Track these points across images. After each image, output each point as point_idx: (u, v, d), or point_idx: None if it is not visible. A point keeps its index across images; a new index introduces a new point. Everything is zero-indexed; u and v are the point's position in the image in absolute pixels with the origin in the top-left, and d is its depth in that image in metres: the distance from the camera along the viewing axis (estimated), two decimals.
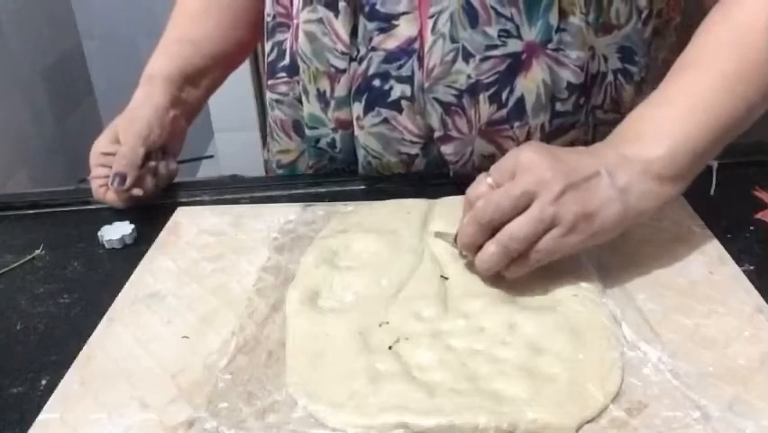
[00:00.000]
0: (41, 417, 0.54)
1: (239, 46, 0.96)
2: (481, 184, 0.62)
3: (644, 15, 0.78)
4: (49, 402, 0.55)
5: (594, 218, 0.59)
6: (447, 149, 0.80)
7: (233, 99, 1.91)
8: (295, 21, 0.81)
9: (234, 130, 2.05)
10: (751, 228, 0.71)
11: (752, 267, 0.65)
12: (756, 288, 0.62)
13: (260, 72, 1.98)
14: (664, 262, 0.66)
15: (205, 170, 1.98)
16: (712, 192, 0.77)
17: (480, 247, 0.61)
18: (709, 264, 0.65)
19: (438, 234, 0.68)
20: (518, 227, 0.59)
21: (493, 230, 0.60)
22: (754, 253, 0.67)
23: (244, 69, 1.90)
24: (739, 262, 0.65)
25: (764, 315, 0.59)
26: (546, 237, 0.59)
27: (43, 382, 0.58)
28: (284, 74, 0.86)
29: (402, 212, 0.75)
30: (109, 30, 2.16)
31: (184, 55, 0.91)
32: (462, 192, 0.77)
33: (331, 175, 0.88)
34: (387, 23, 0.76)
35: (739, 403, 0.51)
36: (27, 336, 0.64)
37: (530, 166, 0.59)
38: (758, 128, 0.69)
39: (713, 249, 0.68)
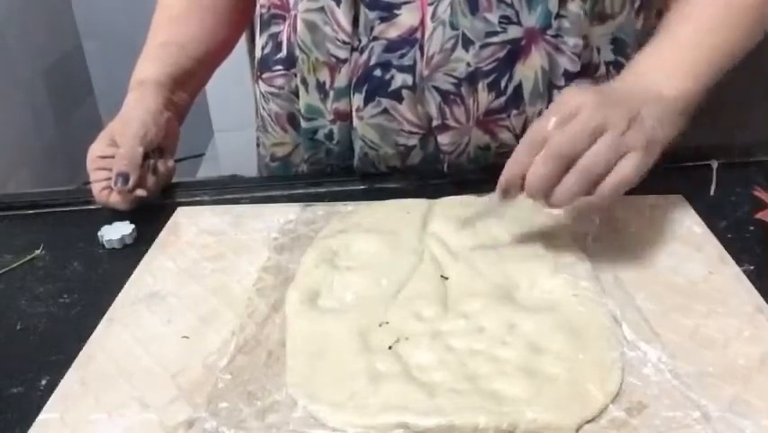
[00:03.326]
0: (41, 417, 0.54)
1: (222, 45, 0.97)
2: (545, 122, 0.63)
3: (636, 5, 0.80)
4: (49, 402, 0.55)
5: (657, 141, 0.65)
6: (444, 138, 0.80)
7: (232, 99, 1.91)
8: (293, 12, 0.81)
9: (234, 129, 2.05)
10: (751, 228, 0.71)
11: (752, 267, 0.65)
12: (756, 288, 0.62)
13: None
14: (665, 261, 0.66)
15: (205, 170, 1.99)
16: (712, 192, 0.77)
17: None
18: (709, 264, 0.65)
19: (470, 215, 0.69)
20: (596, 153, 0.61)
21: (567, 165, 0.61)
22: (754, 253, 0.67)
23: (244, 69, 1.90)
24: (739, 262, 0.65)
25: (764, 315, 0.59)
26: (623, 163, 0.62)
27: (43, 382, 0.58)
28: (280, 67, 0.86)
29: (402, 212, 0.75)
30: (109, 30, 2.16)
31: (171, 59, 0.91)
32: (461, 192, 0.77)
33: (331, 175, 0.88)
34: (388, 11, 0.76)
35: (739, 403, 0.51)
36: (27, 336, 0.64)
37: (593, 104, 0.62)
38: (758, 128, 0.70)
39: (713, 249, 0.68)
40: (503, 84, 0.77)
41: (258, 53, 0.90)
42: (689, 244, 0.68)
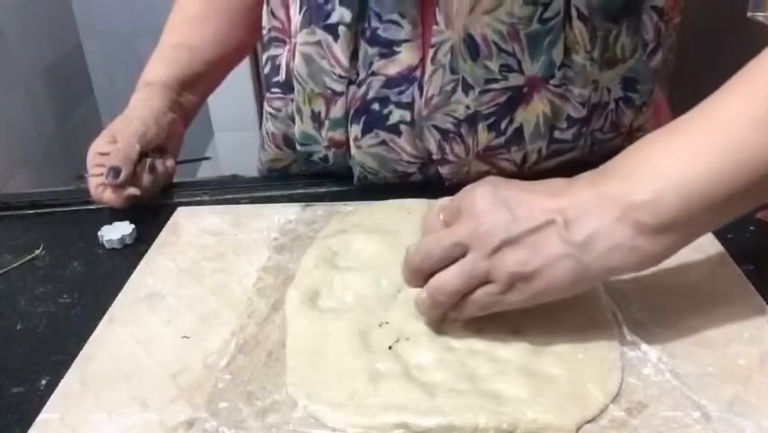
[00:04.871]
0: (41, 417, 0.54)
1: (237, 49, 0.96)
2: (435, 218, 0.57)
3: (649, 48, 0.78)
4: (49, 402, 0.55)
5: (536, 278, 0.52)
6: (444, 169, 0.80)
7: (232, 100, 1.91)
8: (293, 39, 0.80)
9: (234, 130, 2.06)
10: (751, 228, 0.71)
11: (752, 267, 0.65)
12: (756, 288, 0.62)
13: (260, 73, 1.99)
14: (665, 262, 0.66)
15: (205, 171, 1.99)
16: None
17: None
18: (709, 264, 0.65)
19: None
20: (447, 280, 0.54)
21: (426, 276, 0.56)
22: (754, 253, 0.67)
23: (244, 69, 1.91)
24: (739, 262, 0.65)
25: (764, 315, 0.59)
26: (480, 292, 0.54)
27: (43, 382, 0.58)
28: (278, 90, 0.85)
29: (402, 212, 0.75)
30: (109, 30, 2.16)
31: (182, 61, 0.90)
32: None
33: (331, 175, 0.88)
34: (388, 48, 0.75)
35: (739, 403, 0.51)
36: (27, 336, 0.64)
37: (472, 213, 0.53)
38: None
39: (713, 249, 0.67)
40: (503, 125, 0.76)
41: (261, 71, 0.89)
42: (689, 245, 0.68)
